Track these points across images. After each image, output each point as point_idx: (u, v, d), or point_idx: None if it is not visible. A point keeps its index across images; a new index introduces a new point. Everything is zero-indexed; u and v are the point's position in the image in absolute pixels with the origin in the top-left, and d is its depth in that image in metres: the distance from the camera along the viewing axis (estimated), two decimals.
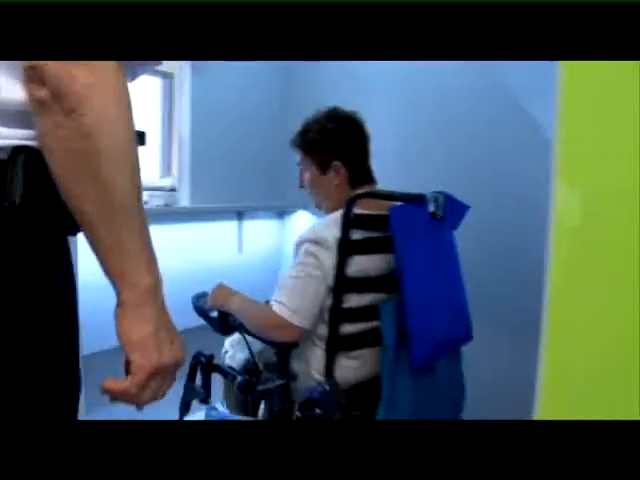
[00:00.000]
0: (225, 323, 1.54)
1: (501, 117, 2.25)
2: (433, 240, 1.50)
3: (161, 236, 2.33)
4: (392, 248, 1.45)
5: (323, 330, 1.45)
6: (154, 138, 2.99)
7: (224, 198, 2.62)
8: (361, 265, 1.45)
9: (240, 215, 2.70)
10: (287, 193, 2.89)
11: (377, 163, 2.55)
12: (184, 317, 2.42)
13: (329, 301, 1.43)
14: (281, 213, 2.95)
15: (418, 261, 1.43)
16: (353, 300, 1.46)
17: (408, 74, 2.42)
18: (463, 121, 2.35)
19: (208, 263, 2.58)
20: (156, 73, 3.65)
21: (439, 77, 2.34)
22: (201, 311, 1.63)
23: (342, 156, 1.57)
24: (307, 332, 1.42)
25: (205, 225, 2.58)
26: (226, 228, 2.69)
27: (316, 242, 1.39)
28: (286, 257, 2.93)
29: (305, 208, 2.85)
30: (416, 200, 1.45)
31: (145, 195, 2.31)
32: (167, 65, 2.66)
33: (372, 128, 2.51)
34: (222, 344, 1.80)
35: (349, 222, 1.43)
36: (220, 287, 1.61)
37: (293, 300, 1.37)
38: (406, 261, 1.40)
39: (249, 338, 1.51)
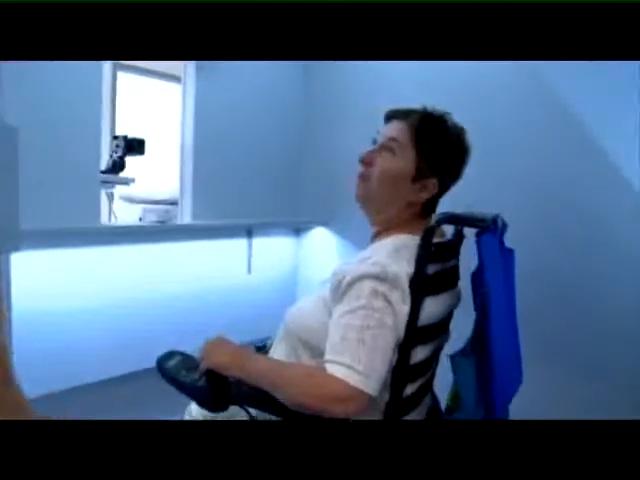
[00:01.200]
0: (224, 395, 1.10)
1: (546, 120, 1.93)
2: (508, 271, 1.18)
3: (158, 257, 2.13)
4: (454, 282, 1.21)
5: (383, 395, 1.07)
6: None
7: (231, 213, 2.33)
8: (430, 308, 1.10)
9: (250, 232, 2.40)
10: (303, 207, 2.61)
11: None
12: (181, 346, 2.16)
13: (394, 357, 1.06)
14: (296, 230, 2.65)
15: (502, 299, 1.11)
16: (419, 353, 1.12)
17: (438, 74, 2.13)
18: (499, 124, 2.05)
19: (213, 286, 2.29)
20: (171, 78, 3.44)
21: (472, 76, 2.06)
22: (176, 379, 1.15)
23: (442, 178, 1.19)
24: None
25: (209, 244, 2.29)
26: (234, 247, 2.39)
27: (384, 279, 1.03)
28: (302, 279, 2.64)
29: (324, 224, 2.55)
30: (492, 224, 1.12)
31: (139, 210, 2.04)
32: (175, 68, 2.41)
33: None
34: None
35: (429, 255, 1.09)
36: (221, 342, 1.16)
37: (362, 359, 0.98)
38: (494, 299, 1.09)
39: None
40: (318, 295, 1.14)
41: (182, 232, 2.20)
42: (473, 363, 1.13)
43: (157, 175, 3.06)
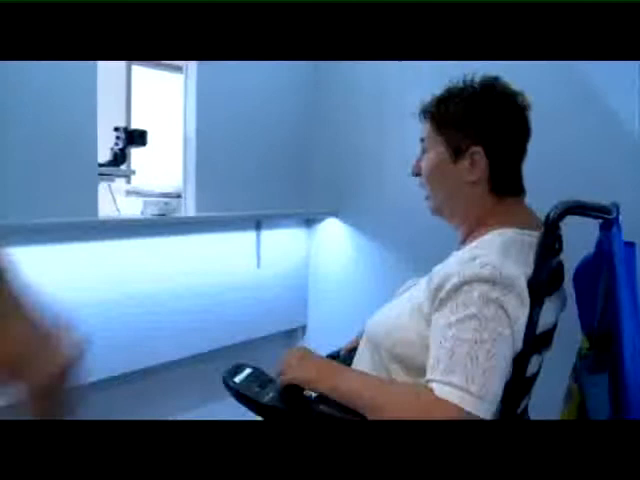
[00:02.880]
0: (304, 416, 0.97)
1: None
2: (631, 269, 1.03)
3: (161, 251, 2.07)
4: (561, 282, 1.08)
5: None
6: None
7: (239, 205, 2.25)
8: (547, 312, 0.98)
9: (258, 224, 2.32)
10: (314, 197, 2.52)
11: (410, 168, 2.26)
12: (188, 344, 2.10)
13: (510, 370, 0.94)
14: (307, 221, 2.56)
15: (632, 302, 0.97)
16: (534, 364, 1.00)
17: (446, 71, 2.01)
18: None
19: (220, 281, 2.22)
20: (172, 68, 3.39)
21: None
22: (246, 396, 1.03)
23: (487, 143, 1.06)
24: None
25: (216, 237, 2.22)
26: (242, 240, 2.32)
27: (497, 283, 0.90)
28: (313, 273, 2.55)
29: (336, 215, 2.45)
30: (615, 214, 1.01)
31: (139, 202, 1.98)
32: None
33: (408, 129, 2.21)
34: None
35: (554, 252, 0.98)
36: (305, 354, 1.06)
37: (476, 379, 0.85)
38: (624, 303, 0.95)
39: None
40: (409, 302, 1.02)
41: (187, 225, 2.13)
42: (605, 380, 0.99)
43: (166, 167, 3.01)
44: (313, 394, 1.01)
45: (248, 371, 1.08)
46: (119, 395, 1.90)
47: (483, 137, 1.05)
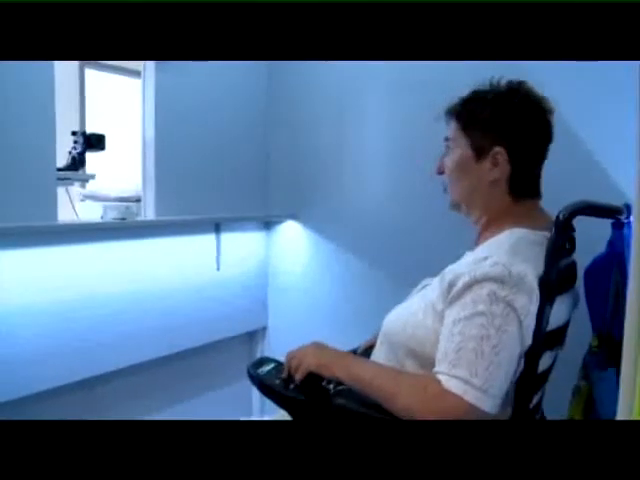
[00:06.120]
0: (325, 407, 1.00)
1: None
2: None
3: (121, 255, 2.06)
4: (574, 280, 1.12)
5: (506, 409, 1.00)
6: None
7: (199, 208, 2.27)
8: (558, 309, 1.02)
9: (218, 227, 2.34)
10: (273, 201, 2.56)
11: (369, 170, 2.33)
12: (149, 348, 2.10)
13: (520, 368, 0.97)
14: (266, 224, 2.59)
15: None
16: (545, 360, 1.03)
17: (405, 72, 2.06)
18: None
19: (181, 284, 2.23)
20: (126, 72, 3.38)
21: (446, 75, 1.87)
22: (271, 388, 1.08)
23: (510, 144, 1.10)
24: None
25: (176, 240, 2.23)
26: (202, 243, 2.34)
27: (507, 282, 0.93)
28: (273, 275, 2.59)
29: (294, 218, 2.49)
30: (627, 215, 1.05)
31: (95, 207, 1.97)
32: (139, 63, 2.34)
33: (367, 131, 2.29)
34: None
35: (565, 252, 1.01)
36: (319, 344, 1.12)
37: (480, 373, 0.89)
38: None
39: None
40: (423, 301, 1.07)
41: (147, 229, 2.14)
42: (614, 375, 1.01)
43: (125, 172, 2.99)
44: (332, 387, 1.06)
45: (272, 364, 1.13)
46: (75, 401, 1.89)
47: (506, 139, 1.10)
